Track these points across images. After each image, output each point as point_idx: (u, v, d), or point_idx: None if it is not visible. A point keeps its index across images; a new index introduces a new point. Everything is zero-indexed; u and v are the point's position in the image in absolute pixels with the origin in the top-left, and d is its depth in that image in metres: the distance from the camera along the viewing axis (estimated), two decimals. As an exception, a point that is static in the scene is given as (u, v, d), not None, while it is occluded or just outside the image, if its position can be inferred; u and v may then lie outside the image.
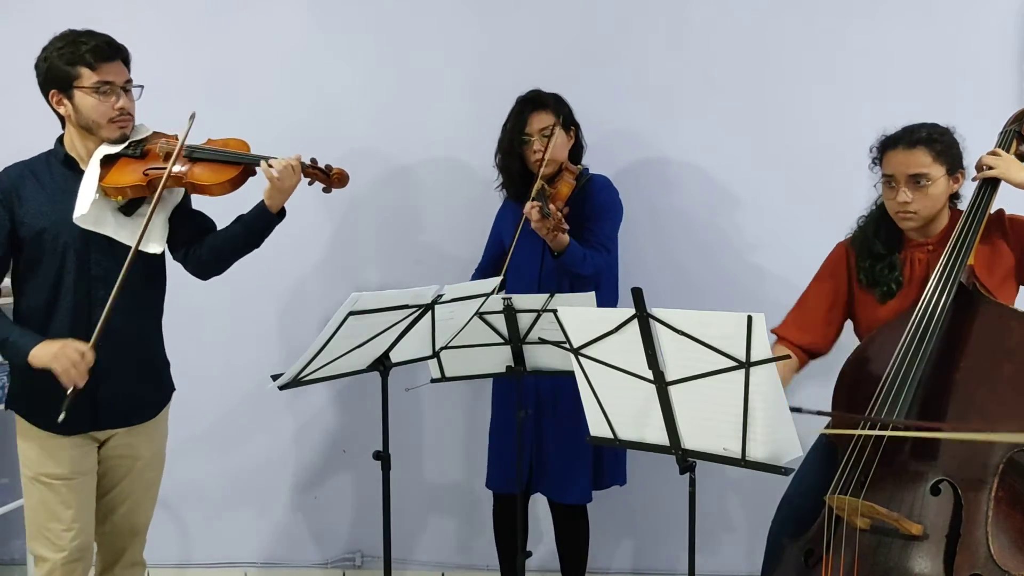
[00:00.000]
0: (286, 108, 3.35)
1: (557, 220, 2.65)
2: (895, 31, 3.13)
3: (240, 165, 2.45)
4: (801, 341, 2.57)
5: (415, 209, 3.40)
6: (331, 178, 2.53)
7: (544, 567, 3.33)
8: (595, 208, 2.90)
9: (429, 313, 2.41)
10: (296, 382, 2.31)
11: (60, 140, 2.45)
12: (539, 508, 3.24)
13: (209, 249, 2.53)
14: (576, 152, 2.99)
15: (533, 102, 2.91)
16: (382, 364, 2.45)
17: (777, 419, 1.89)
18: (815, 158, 3.19)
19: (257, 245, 2.54)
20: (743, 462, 1.95)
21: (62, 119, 2.42)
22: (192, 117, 2.37)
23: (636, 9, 3.24)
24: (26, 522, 2.44)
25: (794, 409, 2.18)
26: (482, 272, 3.10)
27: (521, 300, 2.60)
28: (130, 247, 2.33)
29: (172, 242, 2.49)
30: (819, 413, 2.23)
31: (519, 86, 2.94)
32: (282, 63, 3.36)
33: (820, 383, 2.56)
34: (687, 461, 2.04)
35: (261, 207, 2.48)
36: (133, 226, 2.38)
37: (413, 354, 2.52)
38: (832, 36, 3.17)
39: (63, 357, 2.21)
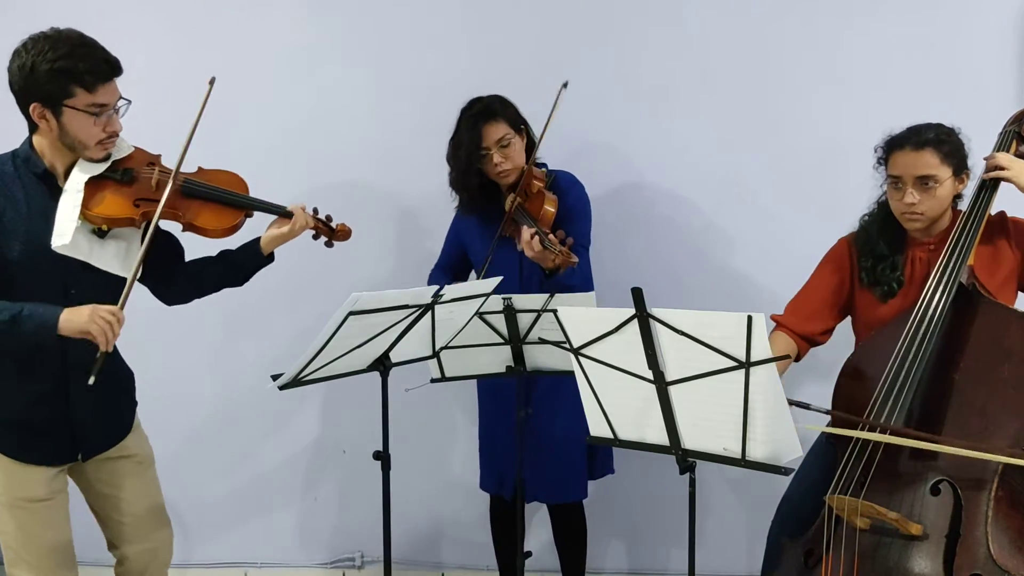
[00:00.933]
0: (284, 109, 3.35)
1: (565, 255, 2.53)
2: (895, 31, 3.13)
3: (243, 210, 2.37)
4: (801, 329, 2.55)
5: (414, 210, 3.40)
6: (335, 232, 2.52)
7: (544, 567, 3.33)
8: (568, 209, 2.79)
9: (429, 313, 2.40)
10: (296, 382, 2.31)
11: (31, 145, 2.21)
12: (537, 508, 3.24)
13: (188, 281, 2.45)
14: (528, 148, 2.87)
15: (484, 114, 2.77)
16: (382, 364, 2.45)
17: (777, 419, 1.89)
18: (813, 159, 3.18)
19: (240, 284, 2.49)
20: (743, 462, 1.95)
21: (32, 125, 2.19)
22: (212, 82, 2.21)
23: (634, 9, 3.24)
24: (3, 548, 2.28)
25: (801, 404, 2.20)
26: (440, 271, 3.03)
27: (521, 300, 2.59)
28: (108, 271, 2.22)
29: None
30: (824, 411, 2.23)
31: (517, 86, 2.92)
32: (277, 65, 3.35)
33: (820, 383, 2.56)
34: (687, 461, 2.03)
35: (255, 250, 2.42)
36: (110, 250, 2.25)
37: (413, 354, 2.52)
38: (832, 36, 3.16)
39: (99, 319, 2.08)
